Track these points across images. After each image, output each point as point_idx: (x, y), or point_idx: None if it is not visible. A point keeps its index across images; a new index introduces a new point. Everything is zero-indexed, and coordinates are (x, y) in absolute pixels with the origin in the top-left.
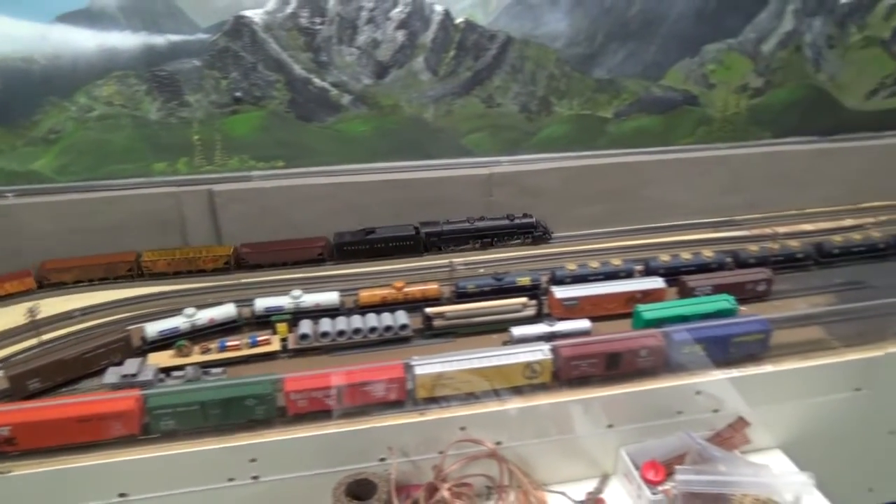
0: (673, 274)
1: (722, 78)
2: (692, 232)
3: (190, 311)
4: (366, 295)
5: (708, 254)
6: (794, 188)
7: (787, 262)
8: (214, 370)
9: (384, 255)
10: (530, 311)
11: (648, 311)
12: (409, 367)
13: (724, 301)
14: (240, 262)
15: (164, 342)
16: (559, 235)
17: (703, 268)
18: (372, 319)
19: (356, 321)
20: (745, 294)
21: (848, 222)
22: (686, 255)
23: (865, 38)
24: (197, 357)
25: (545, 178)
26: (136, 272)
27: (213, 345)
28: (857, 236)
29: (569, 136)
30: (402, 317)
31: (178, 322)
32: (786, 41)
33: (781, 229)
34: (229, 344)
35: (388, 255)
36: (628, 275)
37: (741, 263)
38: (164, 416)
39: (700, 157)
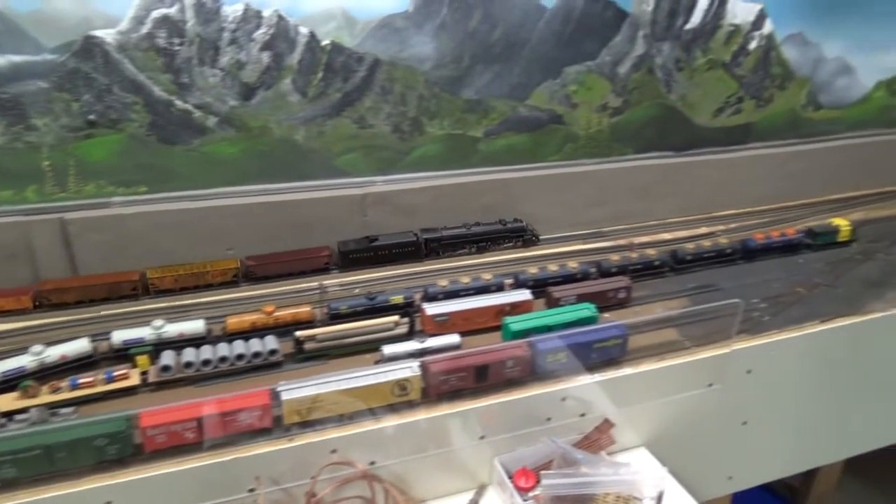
0: (541, 285)
1: (583, 98)
2: (561, 244)
3: (37, 348)
4: (234, 322)
5: (573, 265)
6: (653, 200)
7: (645, 270)
8: (64, 410)
9: (387, 262)
10: (402, 329)
11: (516, 322)
12: (275, 393)
13: (586, 309)
14: (248, 275)
15: (8, 384)
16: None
17: (568, 278)
18: (239, 346)
19: (222, 349)
20: (607, 301)
21: (702, 230)
22: (553, 267)
23: (709, 61)
24: (45, 397)
25: (419, 197)
26: (140, 291)
27: (64, 383)
28: (707, 243)
29: (441, 155)
30: (271, 342)
31: (23, 361)
32: (639, 64)
33: (642, 238)
34: (82, 381)
35: (391, 262)
36: (499, 288)
37: (604, 273)
38: (3, 465)
39: (568, 172)
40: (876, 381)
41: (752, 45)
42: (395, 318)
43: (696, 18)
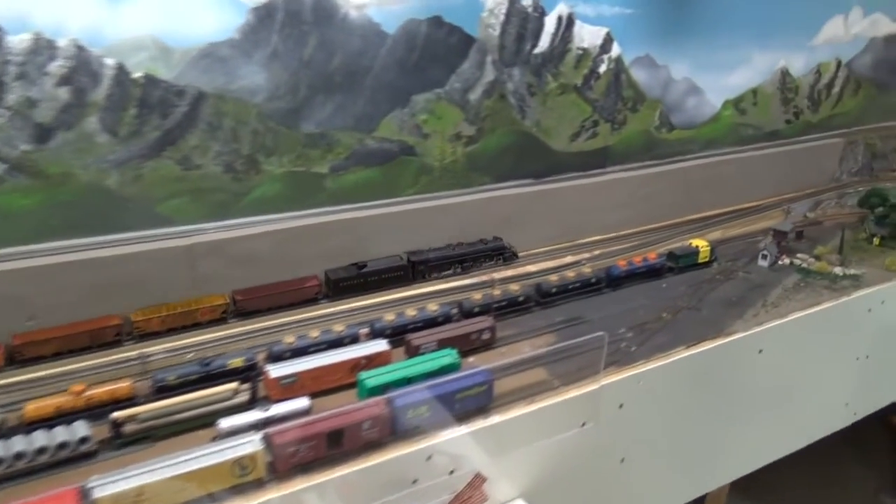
0: (400, 333)
1: (435, 127)
2: (420, 286)
3: None
4: (34, 408)
5: (433, 307)
6: (515, 230)
7: (509, 307)
8: None
9: (377, 288)
10: (243, 398)
11: (372, 377)
12: (85, 492)
13: (448, 356)
14: (238, 311)
15: None
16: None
17: (429, 322)
18: (40, 438)
19: (18, 443)
20: (471, 345)
21: (567, 259)
22: (411, 312)
23: (561, 85)
24: None
25: (258, 243)
26: (124, 336)
27: None
28: (571, 274)
29: (283, 194)
30: (80, 428)
31: None
32: (490, 90)
33: (504, 273)
34: None
35: (381, 287)
36: (353, 340)
37: (466, 313)
38: None
39: (424, 207)
40: (747, 401)
41: (602, 67)
42: (235, 385)
43: (543, 42)
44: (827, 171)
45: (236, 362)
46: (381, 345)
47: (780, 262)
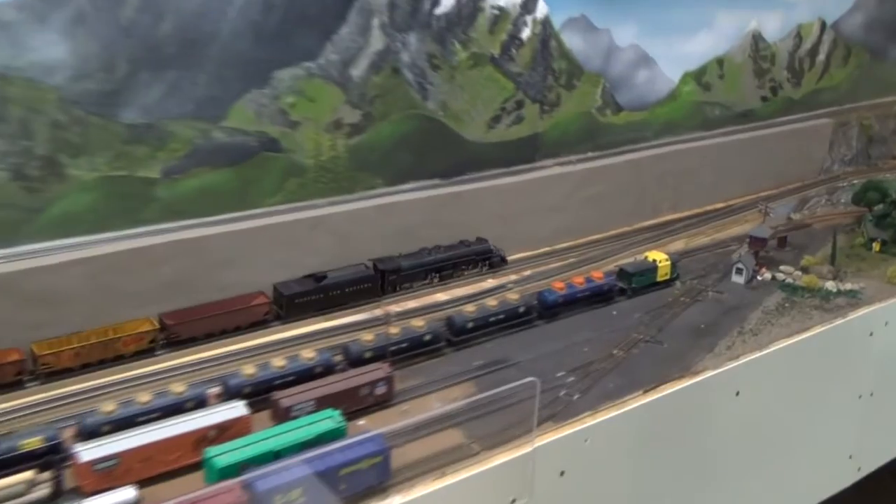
0: (263, 391)
1: (307, 113)
2: (287, 327)
3: None
4: None
5: (309, 355)
6: (418, 248)
7: (411, 350)
8: None
9: (340, 304)
10: (43, 491)
11: (224, 454)
12: None
13: (329, 419)
14: (170, 339)
15: None
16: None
17: (304, 375)
18: None
19: None
20: (361, 403)
21: (488, 283)
22: (278, 363)
23: (473, 55)
24: None
25: (63, 277)
26: (26, 375)
27: None
28: (493, 302)
29: (98, 209)
30: None
31: None
32: (379, 63)
33: (404, 305)
34: None
35: (345, 303)
36: (199, 403)
37: (354, 360)
38: None
39: (294, 220)
40: (724, 458)
41: (525, 32)
42: (30, 474)
43: (447, 0)
44: (814, 161)
45: (32, 443)
46: (237, 408)
47: (758, 278)
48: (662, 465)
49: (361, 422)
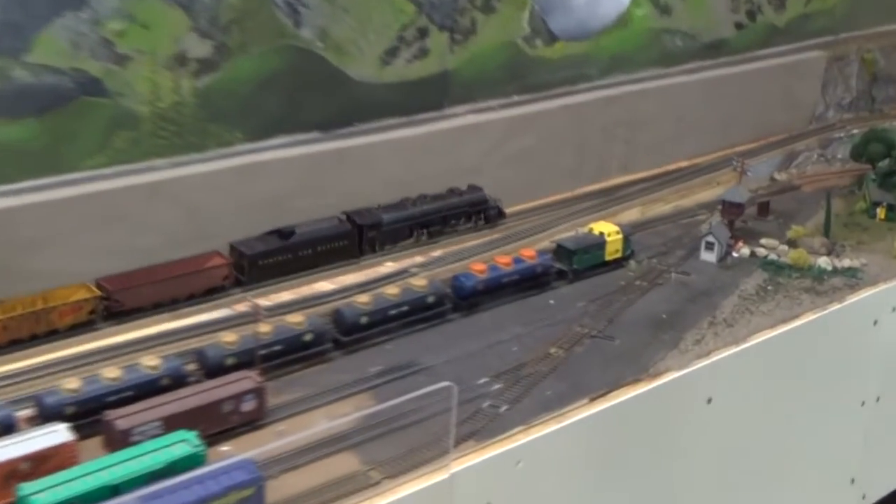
0: (92, 411)
1: (140, 44)
2: (126, 328)
3: None
4: None
5: (151, 363)
6: (279, 219)
7: (287, 353)
8: None
9: (311, 266)
10: None
11: (43, 492)
12: None
13: (183, 444)
14: (110, 309)
15: None
16: None
17: (146, 389)
18: None
19: None
20: (224, 423)
21: (386, 267)
22: (110, 374)
23: None
24: None
25: None
26: None
27: None
28: (393, 291)
29: None
30: None
31: None
32: None
33: (276, 297)
34: None
35: (317, 265)
36: (7, 429)
37: (213, 369)
38: None
39: (125, 186)
40: (692, 483)
41: None
42: None
43: None
44: (803, 106)
45: None
46: (57, 433)
47: (733, 255)
48: (614, 494)
49: (225, 447)
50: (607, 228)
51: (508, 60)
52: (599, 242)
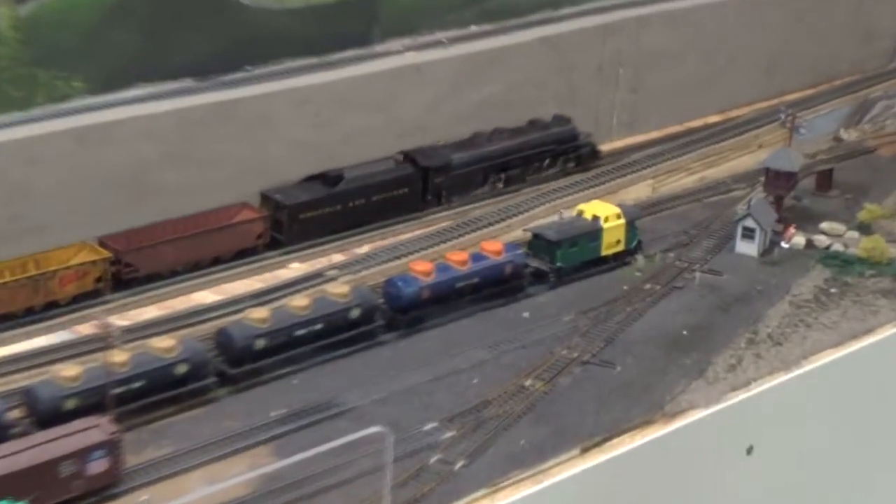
0: None
1: None
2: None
3: None
4: None
5: None
6: (149, 204)
7: (152, 391)
8: None
9: (365, 220)
10: None
11: None
12: None
13: None
14: (120, 276)
15: None
16: None
17: None
18: None
19: None
20: (62, 490)
21: (292, 269)
22: None
23: None
24: None
25: None
26: None
27: None
28: (302, 303)
29: None
30: None
31: None
32: None
33: (146, 312)
34: None
35: (371, 220)
36: None
37: (48, 415)
38: None
39: None
40: None
41: None
42: None
43: None
44: (880, 34)
45: None
46: None
47: (782, 244)
48: None
49: None
50: (604, 211)
51: None
52: (593, 230)
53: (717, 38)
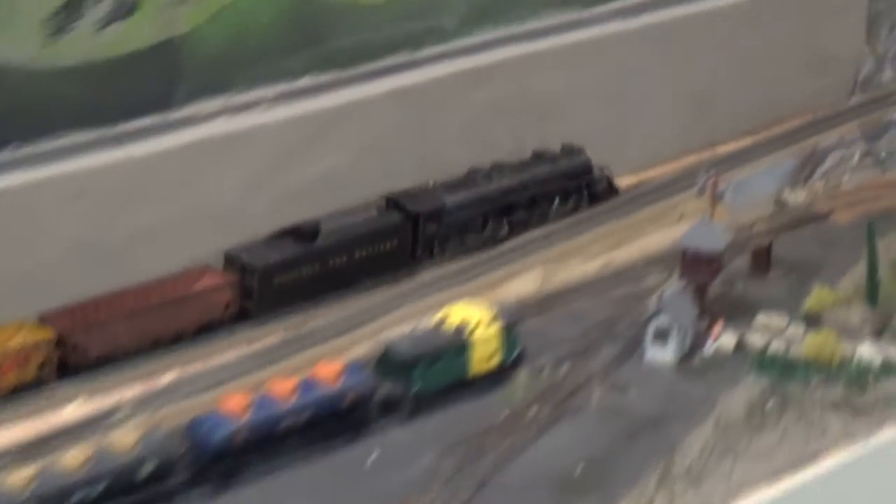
0: None
1: None
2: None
3: None
4: None
5: None
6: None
7: None
8: None
9: (348, 281)
10: None
11: None
12: None
13: None
14: (69, 360)
15: None
16: None
17: None
18: None
19: None
20: None
21: (77, 408)
22: None
23: None
24: None
25: None
26: None
27: None
28: (75, 459)
29: None
30: None
31: None
32: None
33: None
34: None
35: (355, 280)
36: None
37: None
38: None
39: None
40: None
41: None
42: None
43: None
44: (836, 63)
45: None
46: None
47: (706, 348)
48: None
49: None
50: (474, 315)
51: (292, 10)
52: (459, 342)
53: (626, 76)
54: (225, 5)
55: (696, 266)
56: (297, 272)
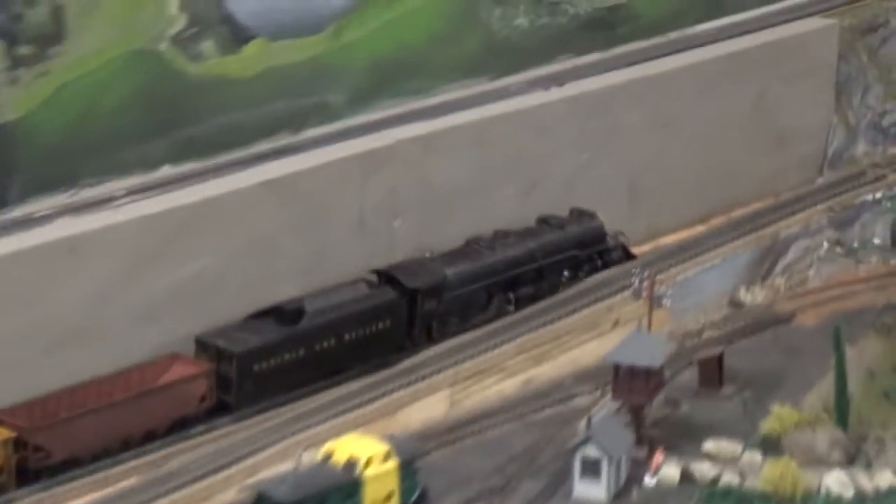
0: None
1: None
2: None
3: None
4: None
5: None
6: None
7: None
8: None
9: (336, 368)
10: None
11: None
12: None
13: None
14: (31, 464)
15: None
16: None
17: None
18: None
19: None
20: None
21: None
22: None
23: None
24: None
25: None
26: None
27: None
28: None
29: None
30: None
31: None
32: None
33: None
34: None
35: (346, 365)
36: None
37: None
38: None
39: None
40: None
41: None
42: None
43: None
44: (800, 137)
45: None
46: None
47: (645, 480)
48: None
49: None
50: (365, 449)
51: (145, 88)
52: (347, 483)
53: (548, 155)
54: (62, 85)
55: (630, 384)
56: (280, 359)
